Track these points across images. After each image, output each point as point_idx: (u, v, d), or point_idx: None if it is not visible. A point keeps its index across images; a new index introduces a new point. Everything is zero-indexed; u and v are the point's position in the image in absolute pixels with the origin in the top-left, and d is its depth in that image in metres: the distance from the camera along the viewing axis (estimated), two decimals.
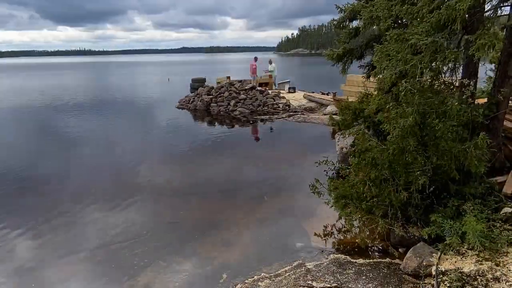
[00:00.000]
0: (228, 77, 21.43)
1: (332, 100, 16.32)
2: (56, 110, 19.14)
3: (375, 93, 7.69)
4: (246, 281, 4.64)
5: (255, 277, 4.72)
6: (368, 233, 5.61)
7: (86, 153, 10.91)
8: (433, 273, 4.19)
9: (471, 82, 5.40)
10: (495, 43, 4.23)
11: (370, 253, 5.17)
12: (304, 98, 18.95)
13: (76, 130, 14.06)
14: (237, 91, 17.96)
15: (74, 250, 5.53)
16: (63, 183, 8.33)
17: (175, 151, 10.87)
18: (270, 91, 19.11)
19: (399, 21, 6.22)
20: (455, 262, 4.22)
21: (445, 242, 4.47)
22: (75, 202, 7.23)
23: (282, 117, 15.73)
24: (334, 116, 11.25)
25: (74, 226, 6.28)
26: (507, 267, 3.99)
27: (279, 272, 4.80)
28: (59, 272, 5.06)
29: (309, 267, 4.84)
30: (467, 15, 4.75)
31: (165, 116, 16.86)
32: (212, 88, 18.67)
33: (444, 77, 5.46)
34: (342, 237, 5.70)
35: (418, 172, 4.90)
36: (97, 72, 62.82)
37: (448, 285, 3.97)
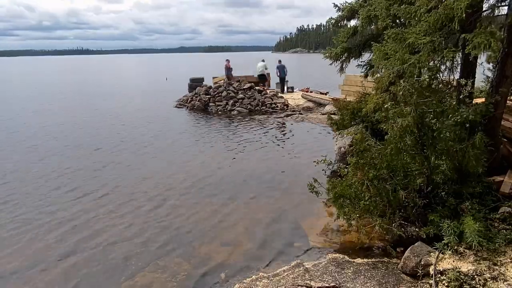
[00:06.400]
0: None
1: (330, 99, 16.34)
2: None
3: (373, 92, 7.69)
4: (245, 281, 4.63)
5: (253, 276, 4.71)
6: (366, 232, 5.60)
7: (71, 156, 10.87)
8: (431, 272, 4.19)
9: (469, 82, 5.40)
10: (492, 42, 4.23)
11: (368, 252, 5.16)
12: (302, 97, 18.98)
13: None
14: (235, 90, 17.96)
15: (72, 250, 5.51)
16: (61, 180, 8.31)
17: (172, 151, 10.85)
18: (268, 91, 19.13)
19: (397, 21, 6.22)
20: (453, 261, 4.22)
21: (443, 242, 4.47)
22: (73, 202, 7.22)
23: (281, 117, 15.74)
24: (332, 116, 11.25)
25: (72, 225, 6.26)
26: (505, 267, 4.00)
27: (277, 271, 4.79)
28: (55, 271, 5.03)
29: (307, 266, 4.83)
30: (464, 15, 4.75)
31: (164, 115, 16.83)
32: (210, 87, 18.67)
33: (442, 76, 5.46)
34: (340, 237, 5.70)
35: (416, 172, 4.90)
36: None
37: (446, 284, 3.97)
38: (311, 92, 20.26)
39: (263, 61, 22.01)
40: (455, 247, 4.37)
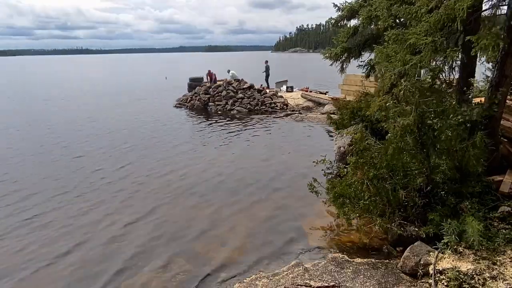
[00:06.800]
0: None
1: (329, 99, 16.35)
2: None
3: (376, 94, 7.69)
4: (244, 280, 4.64)
5: (253, 276, 4.71)
6: (366, 232, 5.61)
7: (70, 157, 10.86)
8: (431, 272, 4.20)
9: (471, 81, 5.41)
10: (499, 43, 4.23)
11: (367, 252, 5.17)
12: (302, 97, 18.98)
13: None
14: (235, 90, 17.95)
15: (72, 249, 5.51)
16: (61, 181, 8.30)
17: (172, 151, 10.84)
18: (267, 90, 19.13)
19: (398, 21, 6.22)
20: (453, 261, 4.22)
21: (442, 241, 4.48)
22: (72, 203, 7.21)
23: (280, 116, 15.74)
24: (332, 115, 11.25)
25: (72, 225, 6.25)
26: (504, 266, 4.00)
27: (277, 271, 4.80)
28: (56, 271, 5.03)
29: (306, 266, 4.84)
30: (465, 15, 4.75)
31: (163, 115, 16.81)
32: (210, 87, 18.66)
33: (444, 76, 5.46)
34: (340, 236, 5.70)
35: (416, 171, 4.91)
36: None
37: (445, 284, 3.98)
38: (310, 91, 20.26)
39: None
40: (455, 247, 4.38)
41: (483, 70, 7.45)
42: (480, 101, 5.87)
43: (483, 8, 5.20)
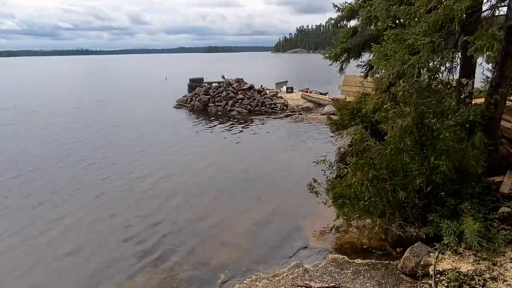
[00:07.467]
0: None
1: (329, 100, 16.36)
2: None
3: (373, 92, 7.70)
4: (244, 281, 4.63)
5: (253, 277, 4.71)
6: (366, 232, 5.61)
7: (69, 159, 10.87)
8: (431, 272, 4.19)
9: (469, 82, 5.40)
10: (494, 44, 4.23)
11: (368, 253, 5.16)
12: (302, 98, 18.99)
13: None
14: (235, 91, 17.97)
15: (72, 250, 5.51)
16: (61, 180, 8.30)
17: (171, 153, 10.83)
18: (267, 91, 19.14)
19: (397, 21, 6.23)
20: (453, 261, 4.22)
21: (442, 242, 4.48)
22: (72, 203, 7.21)
23: (280, 117, 15.74)
24: (332, 116, 11.24)
25: (73, 225, 6.25)
26: (504, 267, 4.00)
27: (277, 272, 4.79)
28: (56, 271, 5.02)
29: (307, 267, 4.83)
30: (464, 15, 4.76)
31: (163, 116, 16.81)
32: (210, 88, 18.67)
33: (442, 77, 5.46)
34: (340, 237, 5.70)
35: (415, 172, 4.91)
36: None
37: (445, 284, 3.98)
38: (310, 92, 20.28)
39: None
40: (455, 248, 4.38)
41: (484, 70, 7.45)
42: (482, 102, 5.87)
43: (483, 9, 5.20)
